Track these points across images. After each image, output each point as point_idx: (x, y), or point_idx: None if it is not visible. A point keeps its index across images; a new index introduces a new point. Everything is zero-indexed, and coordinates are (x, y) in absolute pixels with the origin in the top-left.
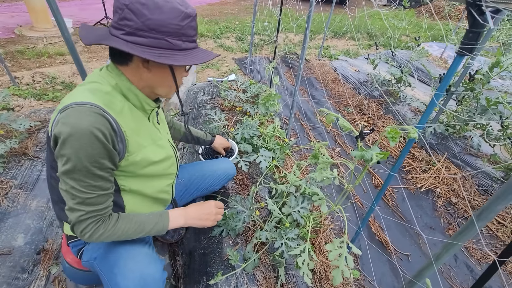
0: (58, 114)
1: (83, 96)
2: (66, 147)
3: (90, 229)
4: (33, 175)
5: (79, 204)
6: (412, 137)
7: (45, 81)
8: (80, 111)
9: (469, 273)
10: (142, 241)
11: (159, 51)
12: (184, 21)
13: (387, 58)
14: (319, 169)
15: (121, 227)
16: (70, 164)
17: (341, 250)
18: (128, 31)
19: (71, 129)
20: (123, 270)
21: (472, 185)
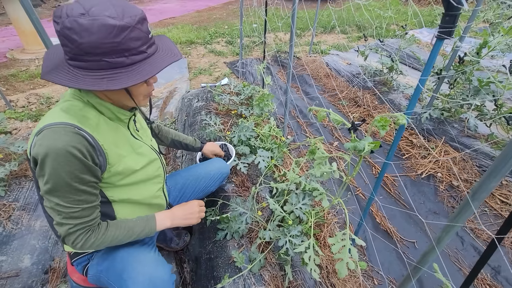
0: (35, 137)
1: (57, 116)
2: (45, 167)
3: (80, 240)
4: (35, 195)
5: (66, 218)
6: (401, 124)
7: (40, 101)
8: (54, 131)
9: (477, 255)
10: (147, 247)
11: (102, 73)
12: (119, 36)
13: (376, 48)
14: (317, 164)
15: (110, 234)
16: (51, 183)
17: (344, 242)
18: (70, 56)
19: (47, 150)
20: (132, 274)
21: (472, 166)
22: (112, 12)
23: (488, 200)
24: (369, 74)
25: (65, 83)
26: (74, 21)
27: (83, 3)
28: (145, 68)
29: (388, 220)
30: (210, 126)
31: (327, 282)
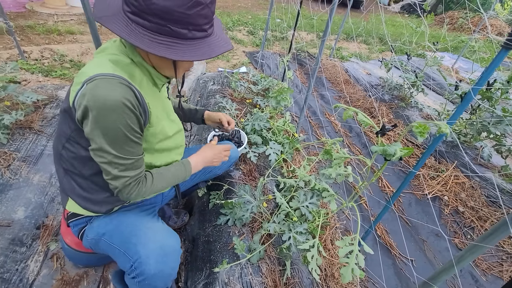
0: (84, 86)
1: (107, 67)
2: (103, 119)
3: (135, 190)
4: (37, 149)
5: (123, 171)
6: (444, 133)
7: (53, 58)
8: (109, 82)
9: (474, 283)
10: (154, 216)
11: (161, 37)
12: (192, 9)
13: (401, 62)
14: (335, 164)
15: (158, 182)
16: (111, 135)
17: (353, 247)
18: (134, 10)
19: (104, 101)
20: (144, 240)
21: (480, 195)
22: None
23: None
24: (388, 87)
25: (123, 36)
26: None
27: None
28: (203, 47)
29: (389, 235)
30: (226, 109)
31: (324, 285)
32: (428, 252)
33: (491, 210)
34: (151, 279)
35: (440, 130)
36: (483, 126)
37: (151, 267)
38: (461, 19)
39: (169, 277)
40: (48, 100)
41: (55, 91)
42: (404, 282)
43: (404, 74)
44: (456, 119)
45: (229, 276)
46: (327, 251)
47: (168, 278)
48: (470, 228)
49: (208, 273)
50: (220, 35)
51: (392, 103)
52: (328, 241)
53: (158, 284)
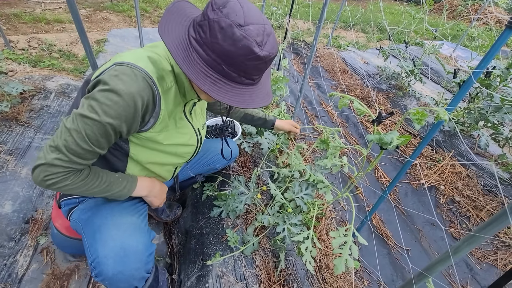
0: (114, 66)
1: (143, 61)
2: (105, 97)
3: (56, 177)
4: (25, 141)
5: (67, 148)
6: (442, 119)
7: (41, 47)
8: (135, 74)
9: (468, 272)
10: (133, 210)
11: (210, 71)
12: (251, 61)
13: (399, 50)
14: (330, 154)
15: (88, 183)
16: (96, 112)
17: (346, 238)
18: (198, 39)
19: (120, 86)
20: (105, 237)
21: (476, 184)
22: (261, 40)
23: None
24: (386, 76)
25: (178, 60)
26: (229, 26)
27: (245, 12)
28: (245, 95)
29: (385, 224)
30: None
31: (319, 275)
32: (424, 241)
33: (487, 199)
34: (110, 280)
35: (438, 117)
36: (480, 115)
37: (109, 267)
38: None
39: (132, 279)
40: (35, 91)
41: (43, 81)
42: (399, 271)
43: (402, 62)
44: (456, 106)
45: (222, 268)
46: (322, 242)
47: (131, 279)
48: (466, 217)
49: (201, 266)
50: (265, 83)
51: (389, 92)
52: (324, 232)
53: (120, 285)
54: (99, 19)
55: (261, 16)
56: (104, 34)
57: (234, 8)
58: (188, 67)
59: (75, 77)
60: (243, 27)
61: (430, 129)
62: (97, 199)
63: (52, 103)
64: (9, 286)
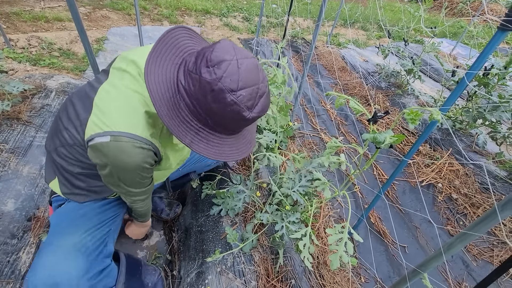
0: (107, 138)
1: (134, 124)
2: (121, 175)
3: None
4: (26, 140)
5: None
6: (435, 120)
7: (41, 46)
8: (134, 147)
9: (464, 268)
10: (96, 221)
11: (195, 122)
12: (239, 123)
13: (398, 48)
14: (327, 153)
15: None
16: (127, 182)
17: (342, 235)
18: (186, 88)
19: (125, 165)
20: (39, 262)
21: (474, 182)
22: (251, 103)
23: None
24: (385, 74)
25: (162, 113)
26: (221, 91)
27: (241, 75)
28: (223, 147)
29: (382, 222)
30: None
31: (317, 272)
32: (421, 238)
33: (484, 196)
34: None
35: (431, 117)
36: (478, 113)
37: None
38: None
39: None
40: (36, 90)
41: (44, 80)
42: (396, 268)
43: (401, 60)
44: (451, 105)
45: (221, 265)
46: (320, 239)
47: None
48: (463, 215)
49: (201, 263)
50: (250, 129)
51: (388, 90)
52: (322, 229)
53: None
54: (99, 17)
55: (257, 74)
56: (104, 32)
57: (229, 71)
58: (174, 126)
59: (75, 76)
60: (236, 92)
61: (425, 128)
62: (75, 204)
63: (52, 102)
64: (13, 283)
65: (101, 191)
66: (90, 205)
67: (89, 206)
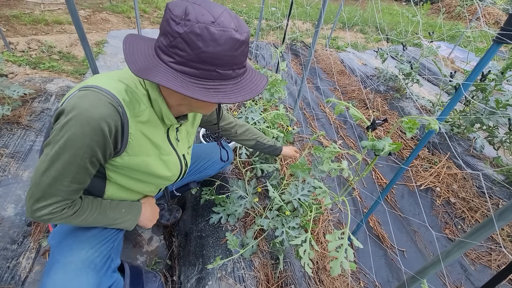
0: (77, 91)
1: (109, 84)
2: (70, 129)
3: (53, 216)
4: (26, 145)
5: (49, 195)
6: (432, 129)
7: (41, 49)
8: (98, 98)
9: (462, 272)
10: (102, 236)
11: (208, 82)
12: (238, 50)
13: (396, 52)
14: (326, 158)
15: (88, 215)
16: (68, 149)
17: (342, 241)
18: (179, 60)
19: (81, 113)
20: (46, 283)
21: (472, 186)
22: (235, 25)
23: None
24: (384, 78)
25: (177, 88)
26: (205, 28)
27: (207, 7)
28: (246, 84)
29: (381, 226)
30: None
31: (316, 277)
32: (419, 242)
33: (482, 200)
34: None
35: (429, 126)
36: (476, 118)
37: None
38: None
39: None
40: (36, 94)
41: (44, 84)
42: (395, 272)
43: (400, 64)
44: (447, 114)
45: (221, 271)
46: (319, 244)
47: None
48: (461, 219)
49: (201, 268)
50: (250, 67)
51: (387, 94)
52: (321, 234)
53: None
54: (98, 20)
55: (216, 4)
56: (104, 35)
57: (197, 11)
58: (194, 92)
59: (75, 79)
60: (215, 21)
61: (423, 136)
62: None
63: (52, 106)
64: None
65: None
66: None
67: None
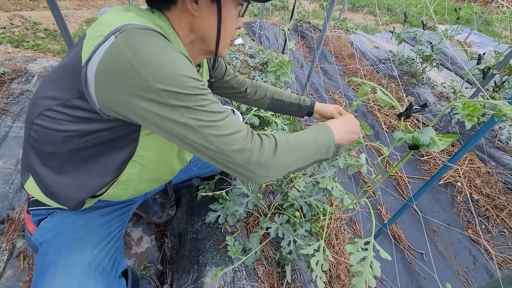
0: (112, 38)
1: (129, 19)
2: (159, 72)
3: (263, 153)
4: (1, 131)
5: (232, 133)
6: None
7: (25, 26)
8: (141, 29)
9: (488, 278)
10: (104, 232)
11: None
12: None
13: (415, 33)
14: (345, 150)
15: (283, 142)
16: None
17: (366, 253)
18: None
19: (149, 51)
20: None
21: (497, 181)
22: None
23: (508, 220)
24: (398, 62)
25: None
26: None
27: None
28: None
29: (397, 225)
30: None
31: (329, 286)
32: (439, 243)
33: (509, 198)
34: None
35: (501, 113)
36: None
37: None
38: None
39: None
40: (15, 74)
41: (25, 64)
42: (414, 278)
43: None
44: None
45: (220, 281)
46: (331, 247)
47: None
48: (485, 218)
49: (196, 277)
50: None
51: (401, 79)
52: (333, 235)
53: None
54: None
55: None
56: (95, 12)
57: None
58: None
59: (61, 59)
60: None
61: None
62: (69, 213)
63: (34, 87)
64: None
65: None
66: (89, 215)
67: (87, 216)
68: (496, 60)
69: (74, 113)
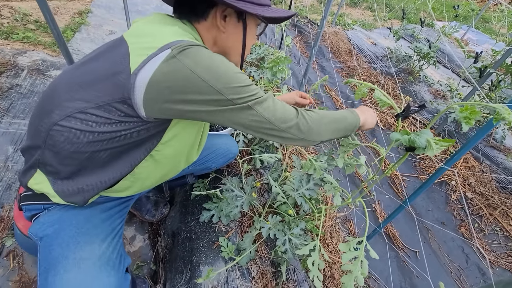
0: (168, 51)
1: (179, 35)
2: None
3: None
4: None
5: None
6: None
7: (15, 17)
8: (203, 47)
9: (480, 276)
10: (107, 227)
11: (242, 4)
12: None
13: (413, 30)
14: (342, 151)
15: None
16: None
17: (358, 252)
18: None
19: (207, 59)
20: (59, 282)
21: (491, 180)
22: None
23: (501, 219)
24: (396, 59)
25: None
26: None
27: None
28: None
29: (392, 223)
30: None
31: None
32: (433, 242)
33: (502, 197)
34: None
35: (499, 117)
36: None
37: None
38: None
39: None
40: (4, 68)
41: (15, 57)
42: (408, 277)
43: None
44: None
45: (213, 281)
46: (326, 246)
47: None
48: (478, 216)
49: (189, 277)
50: None
51: (398, 76)
52: (328, 235)
53: None
54: None
55: None
56: (88, 4)
57: None
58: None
59: (53, 52)
60: None
61: (478, 131)
62: (67, 208)
63: (23, 81)
64: None
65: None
66: (89, 210)
67: (88, 211)
68: (493, 58)
69: (109, 115)
